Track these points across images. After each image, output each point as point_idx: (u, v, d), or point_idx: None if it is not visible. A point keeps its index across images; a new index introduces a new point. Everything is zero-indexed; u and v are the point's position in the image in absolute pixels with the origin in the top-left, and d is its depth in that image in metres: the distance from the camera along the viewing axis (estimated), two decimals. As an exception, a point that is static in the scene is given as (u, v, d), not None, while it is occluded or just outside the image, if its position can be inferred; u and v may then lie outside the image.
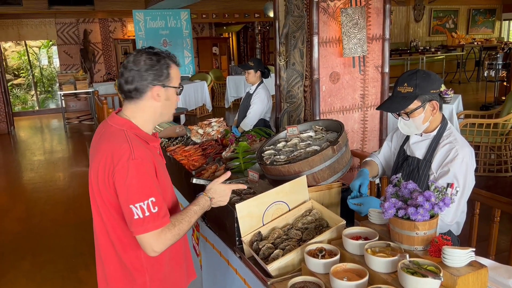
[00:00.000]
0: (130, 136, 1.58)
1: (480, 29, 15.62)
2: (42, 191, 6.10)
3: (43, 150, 8.65)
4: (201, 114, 10.68)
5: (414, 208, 1.46)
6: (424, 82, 1.88)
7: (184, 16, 11.01)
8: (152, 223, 1.50)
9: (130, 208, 1.50)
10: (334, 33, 3.86)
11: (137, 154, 1.52)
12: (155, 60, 1.60)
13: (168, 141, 3.41)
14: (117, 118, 1.65)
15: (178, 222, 1.60)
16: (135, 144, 1.55)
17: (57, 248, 4.34)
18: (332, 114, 4.02)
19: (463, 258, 1.37)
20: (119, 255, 1.64)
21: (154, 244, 1.52)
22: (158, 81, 1.61)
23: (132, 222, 1.51)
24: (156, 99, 1.62)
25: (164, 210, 1.56)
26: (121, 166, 1.49)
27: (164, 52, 1.65)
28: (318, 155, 1.98)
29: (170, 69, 1.64)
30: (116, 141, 1.56)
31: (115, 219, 1.60)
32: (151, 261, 1.66)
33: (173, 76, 1.65)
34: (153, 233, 1.51)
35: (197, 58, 14.26)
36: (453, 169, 1.85)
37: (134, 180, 1.49)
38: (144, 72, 1.59)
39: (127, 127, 1.62)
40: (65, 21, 12.54)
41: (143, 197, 1.50)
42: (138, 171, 1.50)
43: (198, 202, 1.72)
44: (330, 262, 1.55)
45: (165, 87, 1.63)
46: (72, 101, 12.62)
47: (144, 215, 1.49)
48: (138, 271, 1.65)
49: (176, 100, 1.71)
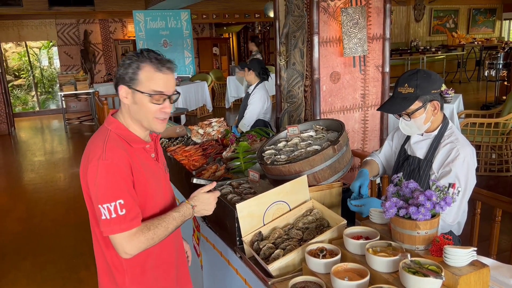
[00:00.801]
0: (110, 136, 1.57)
1: (480, 28, 15.61)
2: (42, 191, 6.10)
3: (43, 150, 8.65)
4: (201, 115, 10.69)
5: (415, 208, 1.45)
6: (425, 82, 1.87)
7: (184, 16, 11.01)
8: (118, 225, 1.48)
9: (99, 208, 1.50)
10: (334, 32, 3.86)
11: (108, 155, 1.50)
12: (129, 60, 1.55)
13: (168, 141, 3.41)
14: (110, 117, 1.66)
15: (154, 226, 1.56)
16: (110, 145, 1.53)
17: (58, 248, 4.34)
18: (332, 114, 4.02)
19: (464, 257, 1.36)
20: (103, 251, 1.65)
21: (125, 245, 1.51)
22: (123, 81, 1.56)
23: (100, 222, 1.51)
24: (124, 100, 1.58)
25: (134, 213, 1.52)
26: (92, 165, 1.50)
27: (149, 55, 1.55)
28: (318, 154, 1.97)
29: (140, 70, 1.53)
30: (96, 141, 1.57)
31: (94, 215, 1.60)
32: (130, 263, 1.63)
33: (143, 79, 1.53)
34: (123, 235, 1.50)
35: (198, 59, 14.27)
36: (454, 169, 1.84)
37: (102, 180, 1.49)
38: (119, 70, 1.58)
39: (113, 126, 1.61)
40: (66, 22, 12.55)
41: (111, 198, 1.48)
42: (107, 172, 1.49)
43: (179, 209, 1.67)
44: (331, 262, 1.54)
45: (131, 89, 1.55)
46: (73, 101, 12.64)
47: (111, 216, 1.48)
48: (117, 270, 1.64)
49: (150, 108, 1.55)
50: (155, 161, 1.71)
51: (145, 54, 1.55)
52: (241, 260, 1.91)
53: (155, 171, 1.68)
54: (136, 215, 1.53)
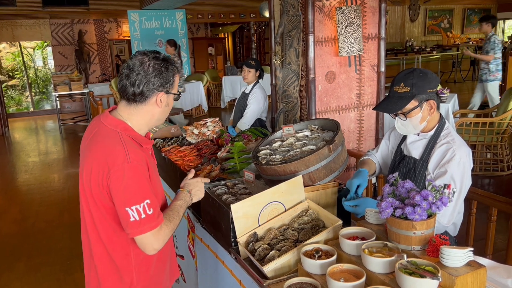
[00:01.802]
0: (124, 139, 1.58)
1: (475, 28, 15.66)
2: (36, 192, 6.05)
3: (38, 151, 8.59)
4: (197, 115, 10.65)
5: (411, 208, 1.44)
6: (421, 82, 1.86)
7: (179, 16, 10.98)
8: (148, 224, 1.53)
9: (126, 211, 1.51)
10: (329, 32, 3.85)
11: (132, 157, 1.53)
12: (164, 67, 1.62)
13: (163, 141, 3.38)
14: (111, 118, 1.64)
15: (172, 218, 1.67)
16: (129, 147, 1.55)
17: (52, 250, 4.31)
18: (328, 113, 4.01)
19: (461, 258, 1.35)
20: (110, 255, 1.66)
21: (154, 242, 1.57)
22: (163, 87, 1.63)
23: (128, 224, 1.53)
24: (159, 105, 1.65)
25: (158, 210, 1.60)
26: (117, 169, 1.50)
27: (171, 59, 1.68)
28: (314, 154, 1.96)
29: (175, 76, 1.68)
30: (111, 143, 1.56)
31: (106, 219, 1.62)
32: (139, 261, 1.69)
33: (176, 83, 1.69)
34: (151, 233, 1.55)
35: (193, 59, 14.24)
36: (450, 170, 1.83)
37: (130, 183, 1.51)
38: (153, 78, 1.60)
39: (121, 128, 1.61)
40: (60, 22, 12.48)
41: (139, 199, 1.52)
42: (133, 174, 1.52)
43: (179, 197, 1.79)
44: (326, 263, 1.52)
45: (168, 94, 1.66)
46: (67, 102, 12.57)
47: (141, 217, 1.52)
48: (126, 269, 1.68)
49: (172, 105, 1.74)
50: (152, 157, 1.79)
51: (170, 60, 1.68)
52: (236, 261, 1.89)
53: (155, 167, 1.78)
54: (159, 211, 1.61)
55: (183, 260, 2.86)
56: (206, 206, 2.17)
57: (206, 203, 2.16)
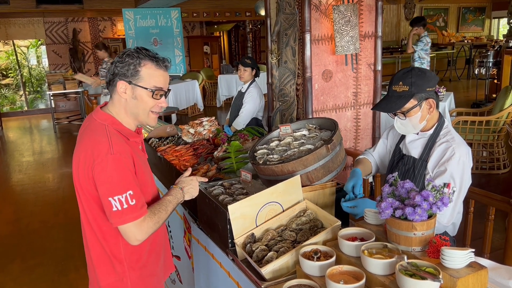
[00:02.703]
0: (110, 131, 1.64)
1: (470, 27, 15.71)
2: (31, 192, 6.00)
3: (32, 151, 8.52)
4: (192, 114, 10.61)
5: (411, 208, 1.42)
6: (420, 80, 1.84)
7: (174, 14, 10.92)
8: (131, 214, 1.57)
9: (109, 201, 1.56)
10: (326, 30, 3.83)
11: (116, 149, 1.58)
12: (129, 56, 1.64)
13: (158, 141, 3.35)
14: (101, 113, 1.71)
15: (157, 211, 1.68)
16: (114, 139, 1.61)
17: (47, 250, 4.26)
18: (324, 112, 3.99)
19: (462, 259, 1.33)
20: (101, 243, 1.71)
21: (136, 233, 1.60)
22: (124, 76, 1.63)
23: (111, 214, 1.58)
24: (121, 94, 1.66)
25: (142, 201, 1.63)
26: (100, 160, 1.55)
27: (148, 53, 1.66)
28: (312, 154, 1.93)
29: (142, 67, 1.64)
30: (96, 136, 1.62)
31: (95, 209, 1.66)
32: (129, 250, 1.73)
33: (145, 76, 1.64)
34: (134, 223, 1.59)
35: (188, 57, 14.18)
36: (450, 169, 1.81)
37: (112, 174, 1.56)
38: (115, 67, 1.65)
39: (109, 122, 1.67)
40: (54, 20, 12.38)
41: (122, 190, 1.56)
42: (116, 166, 1.57)
43: (170, 193, 1.81)
44: (325, 265, 1.50)
45: (131, 85, 1.64)
46: (62, 101, 12.48)
47: (123, 207, 1.56)
48: (116, 259, 1.72)
49: (149, 103, 1.67)
50: (142, 152, 1.82)
51: (144, 52, 1.66)
52: (233, 263, 1.86)
53: (145, 162, 1.81)
54: (143, 203, 1.64)
55: (179, 260, 2.84)
56: (203, 207, 2.14)
57: (202, 203, 2.13)
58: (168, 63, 1.71)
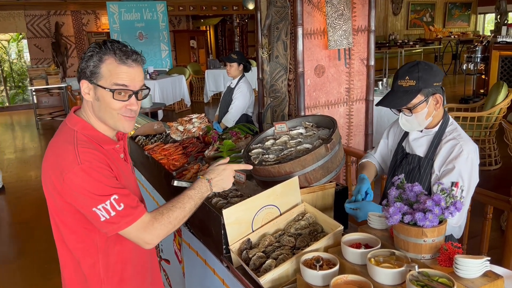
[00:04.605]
0: (78, 138, 1.44)
1: (456, 22, 15.78)
2: (12, 191, 5.79)
3: (13, 148, 8.27)
4: (179, 109, 10.43)
5: (422, 213, 1.33)
6: (427, 75, 1.74)
7: (160, 8, 10.69)
8: (123, 219, 1.40)
9: (94, 212, 1.38)
10: (318, 24, 3.72)
11: (83, 158, 1.38)
12: (90, 52, 1.43)
13: (145, 138, 3.21)
14: (72, 116, 1.52)
15: (167, 210, 1.48)
16: (81, 147, 1.41)
17: (29, 253, 4.10)
18: (317, 108, 3.89)
19: (478, 268, 1.24)
20: (74, 260, 1.53)
21: (142, 236, 1.43)
22: (85, 74, 1.44)
23: (101, 225, 1.41)
24: (86, 96, 1.46)
25: (134, 202, 1.43)
26: (67, 172, 1.37)
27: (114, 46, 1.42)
28: (310, 154, 1.83)
29: (102, 64, 1.41)
30: (62, 144, 1.44)
31: (70, 222, 1.48)
32: (110, 272, 1.55)
33: (105, 73, 1.41)
34: (135, 226, 1.41)
35: (174, 52, 13.95)
36: (458, 166, 1.73)
37: (84, 186, 1.37)
38: (80, 64, 1.46)
39: (79, 127, 1.48)
40: (35, 13, 12.02)
41: (103, 198, 1.38)
42: (87, 175, 1.37)
43: (194, 186, 1.57)
44: (329, 274, 1.40)
45: (92, 84, 1.44)
46: (44, 96, 12.15)
47: (110, 215, 1.38)
48: (93, 281, 1.54)
49: (113, 104, 1.44)
50: (124, 161, 1.62)
51: (109, 45, 1.43)
52: (228, 270, 1.75)
53: (126, 172, 1.58)
54: (137, 203, 1.45)
55: (168, 264, 2.72)
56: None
57: (194, 206, 2.01)
58: (138, 57, 1.45)
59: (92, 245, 1.50)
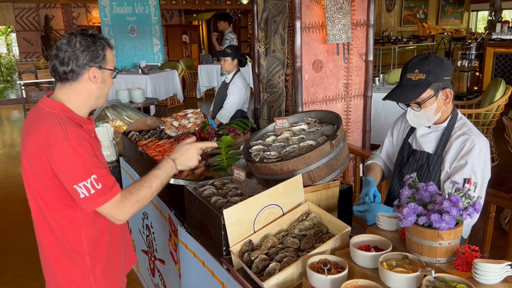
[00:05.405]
0: (62, 119, 1.58)
1: (449, 19, 15.79)
2: (0, 188, 5.63)
3: (2, 143, 8.10)
4: (172, 105, 10.29)
5: (438, 215, 1.25)
6: (437, 68, 1.66)
7: (152, 2, 10.51)
8: (100, 198, 1.54)
9: (75, 189, 1.52)
10: (317, 18, 3.63)
11: (71, 135, 1.53)
12: (91, 41, 1.60)
13: (139, 134, 3.10)
14: (49, 100, 1.64)
15: (135, 189, 1.63)
16: (68, 126, 1.55)
17: (17, 252, 3.97)
18: (314, 104, 3.81)
19: (498, 273, 1.17)
20: (58, 238, 1.67)
21: (114, 213, 1.59)
22: (94, 62, 1.61)
23: (80, 201, 1.55)
24: (93, 81, 1.63)
25: (111, 182, 1.58)
26: (57, 148, 1.51)
27: (99, 35, 1.66)
28: (314, 151, 1.74)
29: (106, 51, 1.64)
30: (49, 124, 1.56)
31: (53, 202, 1.62)
32: (91, 243, 1.69)
33: (109, 58, 1.66)
34: (109, 204, 1.56)
35: (167, 46, 13.77)
36: (471, 162, 1.65)
37: (72, 161, 1.52)
38: (80, 53, 1.58)
39: (59, 110, 1.61)
40: (24, 6, 11.79)
41: (84, 176, 1.52)
42: (74, 152, 1.52)
43: (159, 166, 1.72)
44: (338, 279, 1.32)
45: (101, 69, 1.64)
46: (34, 91, 11.86)
47: (90, 193, 1.52)
48: (77, 253, 1.68)
49: (111, 83, 1.71)
50: (97, 140, 1.78)
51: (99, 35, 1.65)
52: (228, 273, 1.66)
53: (100, 149, 1.77)
54: (113, 183, 1.59)
55: (163, 264, 2.62)
56: (192, 209, 1.93)
57: (192, 205, 1.92)
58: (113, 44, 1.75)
59: (75, 222, 1.64)
